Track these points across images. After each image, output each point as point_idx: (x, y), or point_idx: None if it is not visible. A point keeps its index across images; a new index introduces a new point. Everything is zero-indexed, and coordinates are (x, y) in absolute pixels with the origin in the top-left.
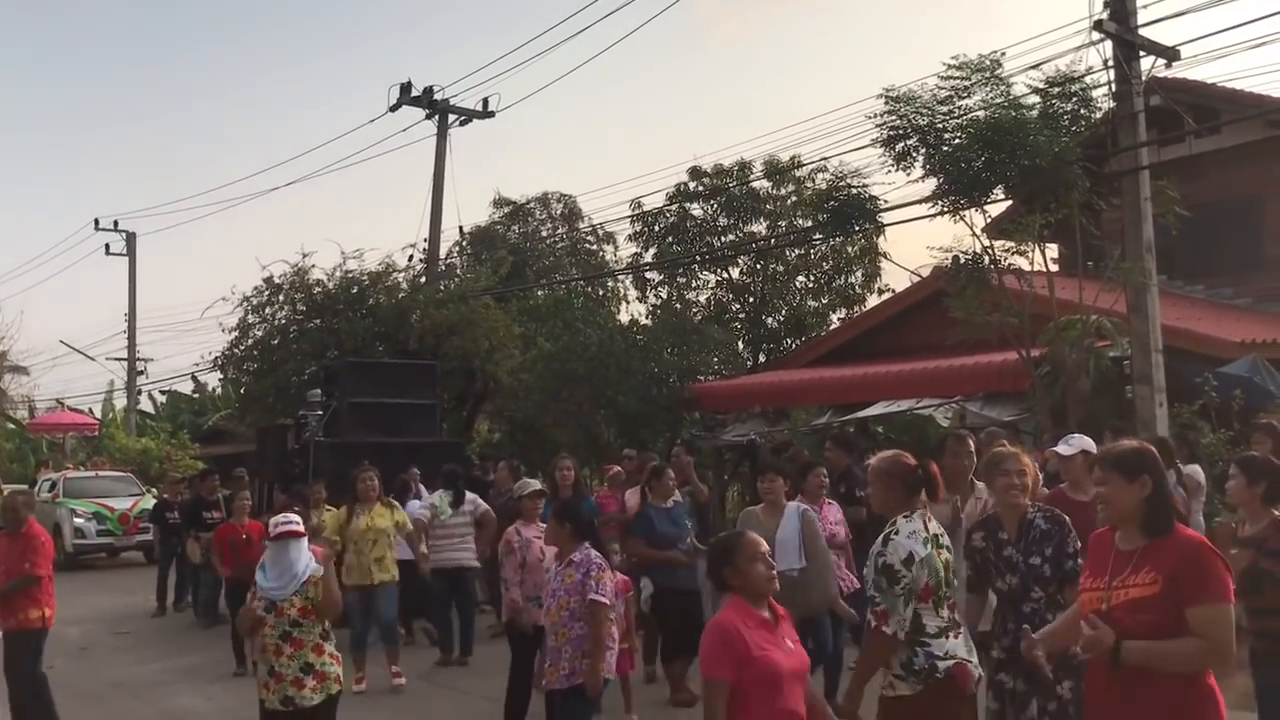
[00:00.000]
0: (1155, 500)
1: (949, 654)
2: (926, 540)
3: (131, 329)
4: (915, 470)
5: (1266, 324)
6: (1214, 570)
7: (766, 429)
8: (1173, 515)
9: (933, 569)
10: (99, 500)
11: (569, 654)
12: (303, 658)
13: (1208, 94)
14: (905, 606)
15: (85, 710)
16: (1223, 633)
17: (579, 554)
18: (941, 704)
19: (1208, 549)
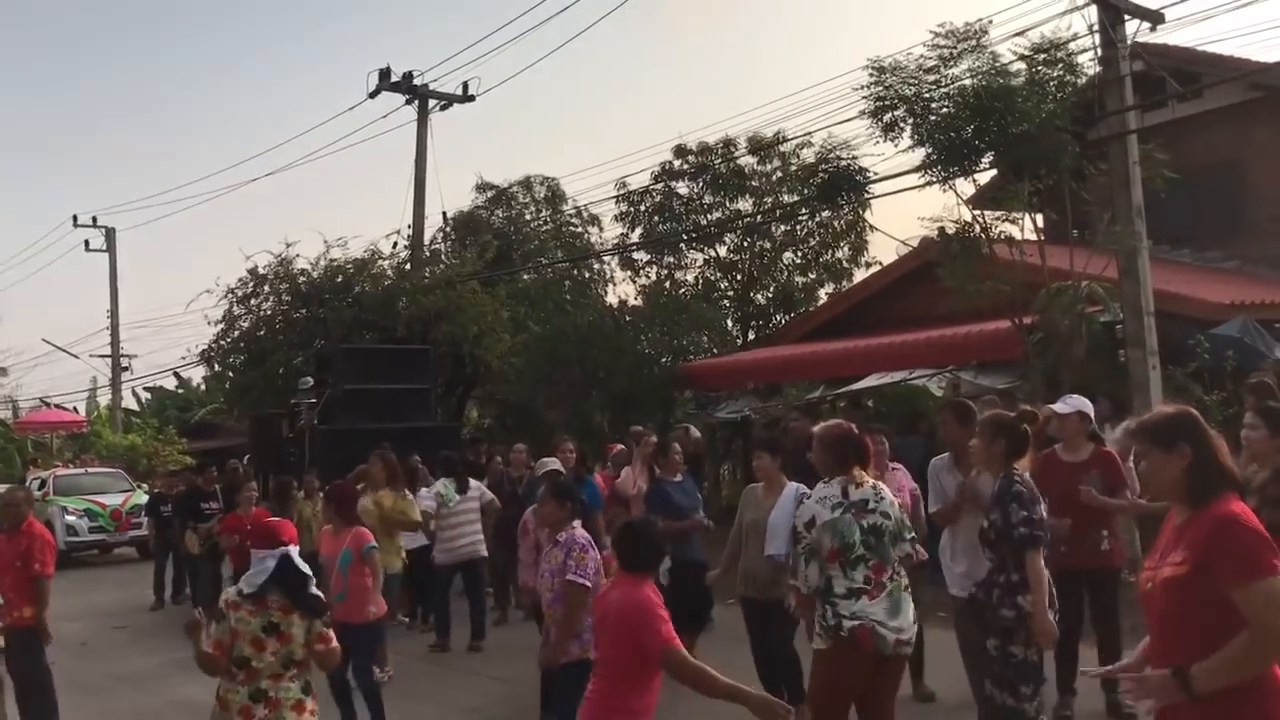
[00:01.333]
0: (1196, 469)
1: (855, 615)
2: (838, 505)
3: (114, 325)
4: (844, 439)
5: (1254, 286)
6: (1244, 543)
7: (759, 405)
8: (1213, 485)
9: (838, 533)
10: (90, 497)
11: (553, 634)
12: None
13: (1190, 58)
14: (808, 564)
15: (91, 703)
16: (1265, 610)
17: (564, 534)
18: (844, 661)
19: (1238, 521)
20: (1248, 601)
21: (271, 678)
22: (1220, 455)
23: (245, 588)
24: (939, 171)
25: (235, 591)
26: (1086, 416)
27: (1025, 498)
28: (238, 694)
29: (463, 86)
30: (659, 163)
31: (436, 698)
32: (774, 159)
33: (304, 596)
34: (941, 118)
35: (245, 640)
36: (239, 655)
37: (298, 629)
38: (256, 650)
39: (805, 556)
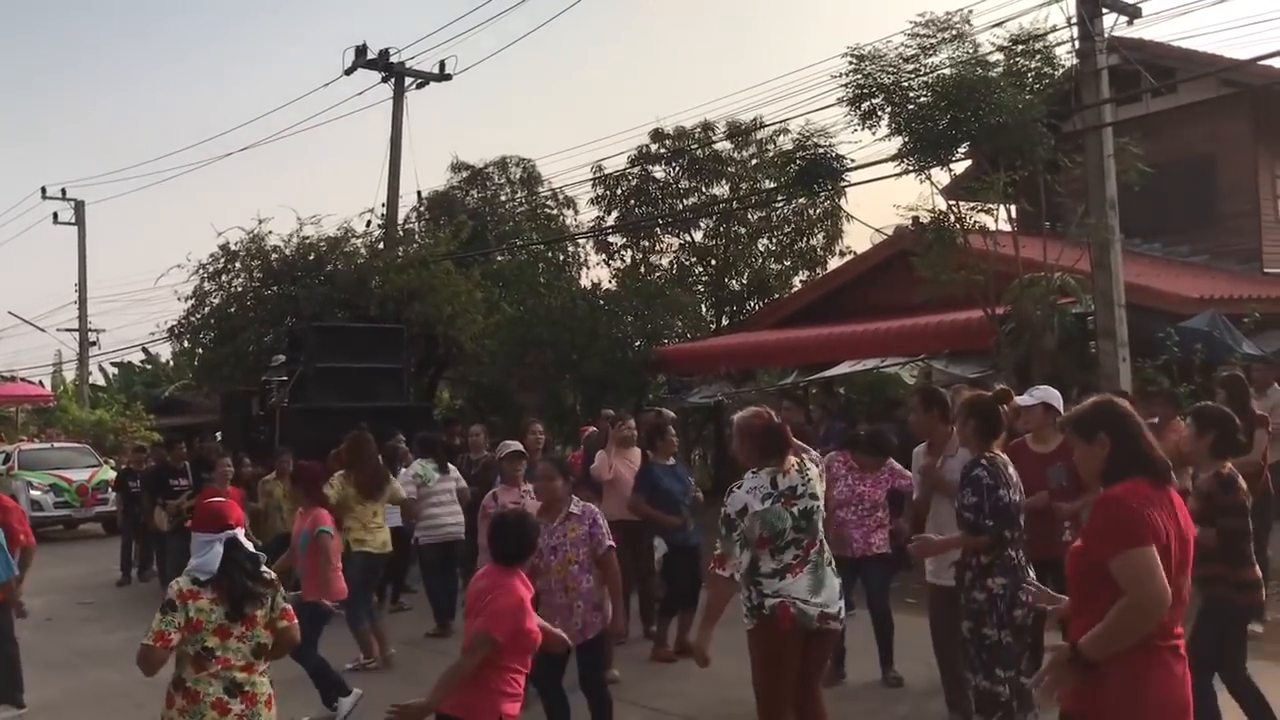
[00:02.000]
0: (1113, 457)
1: (777, 593)
2: (768, 495)
3: (82, 299)
4: (766, 430)
5: (1223, 280)
6: (1116, 517)
7: (732, 390)
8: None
9: (767, 522)
10: (56, 472)
11: (582, 609)
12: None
13: (1164, 53)
14: (741, 551)
15: (57, 679)
16: (1133, 577)
17: (577, 506)
18: (769, 638)
19: (1117, 499)
20: (1120, 571)
21: (244, 669)
22: (1138, 442)
23: (200, 575)
24: (915, 161)
25: (189, 580)
26: (1053, 408)
27: (982, 483)
28: (210, 686)
29: (440, 65)
30: (636, 146)
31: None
32: (751, 145)
33: (260, 575)
34: (919, 107)
35: (209, 631)
36: (203, 646)
37: (262, 610)
38: (221, 640)
39: (740, 542)
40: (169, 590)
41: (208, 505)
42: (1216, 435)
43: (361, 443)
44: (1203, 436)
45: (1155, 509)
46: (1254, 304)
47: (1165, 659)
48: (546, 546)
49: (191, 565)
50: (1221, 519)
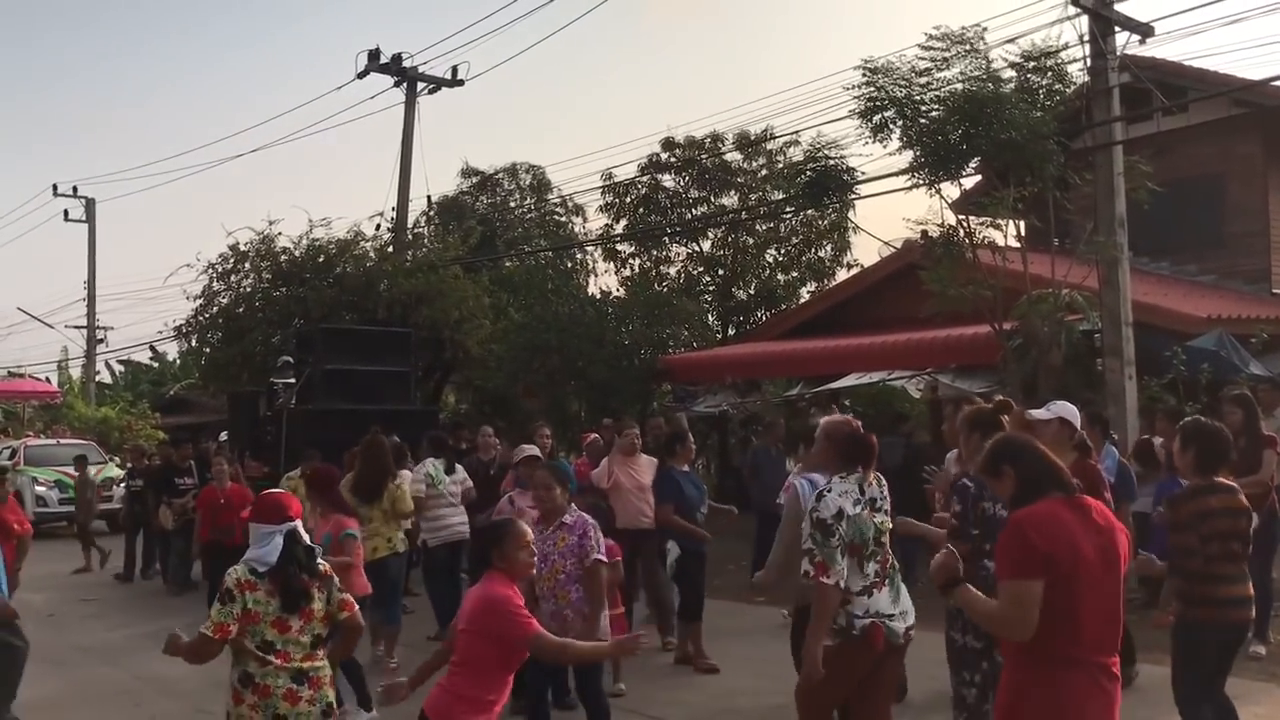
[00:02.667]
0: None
1: (868, 612)
2: (859, 501)
3: (91, 297)
4: (853, 438)
5: (1230, 300)
6: (1011, 546)
7: (738, 400)
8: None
9: (858, 528)
10: (61, 469)
11: (572, 618)
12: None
13: (1176, 72)
14: (843, 557)
15: (54, 675)
16: (1008, 603)
17: (571, 516)
18: (854, 659)
19: (1015, 525)
20: (1002, 593)
21: (306, 658)
22: (1040, 465)
23: (259, 566)
24: (925, 175)
25: (246, 570)
26: (1069, 424)
27: (968, 493)
28: (278, 679)
29: (452, 71)
30: (646, 155)
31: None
32: (761, 156)
33: (316, 568)
34: (931, 121)
35: (267, 623)
36: (263, 639)
37: (319, 603)
38: (280, 632)
39: (841, 548)
40: (227, 579)
41: (269, 496)
42: (1197, 450)
43: (374, 446)
44: (1185, 451)
45: (1063, 528)
46: (1262, 324)
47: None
48: (539, 554)
49: (250, 555)
50: (1174, 534)
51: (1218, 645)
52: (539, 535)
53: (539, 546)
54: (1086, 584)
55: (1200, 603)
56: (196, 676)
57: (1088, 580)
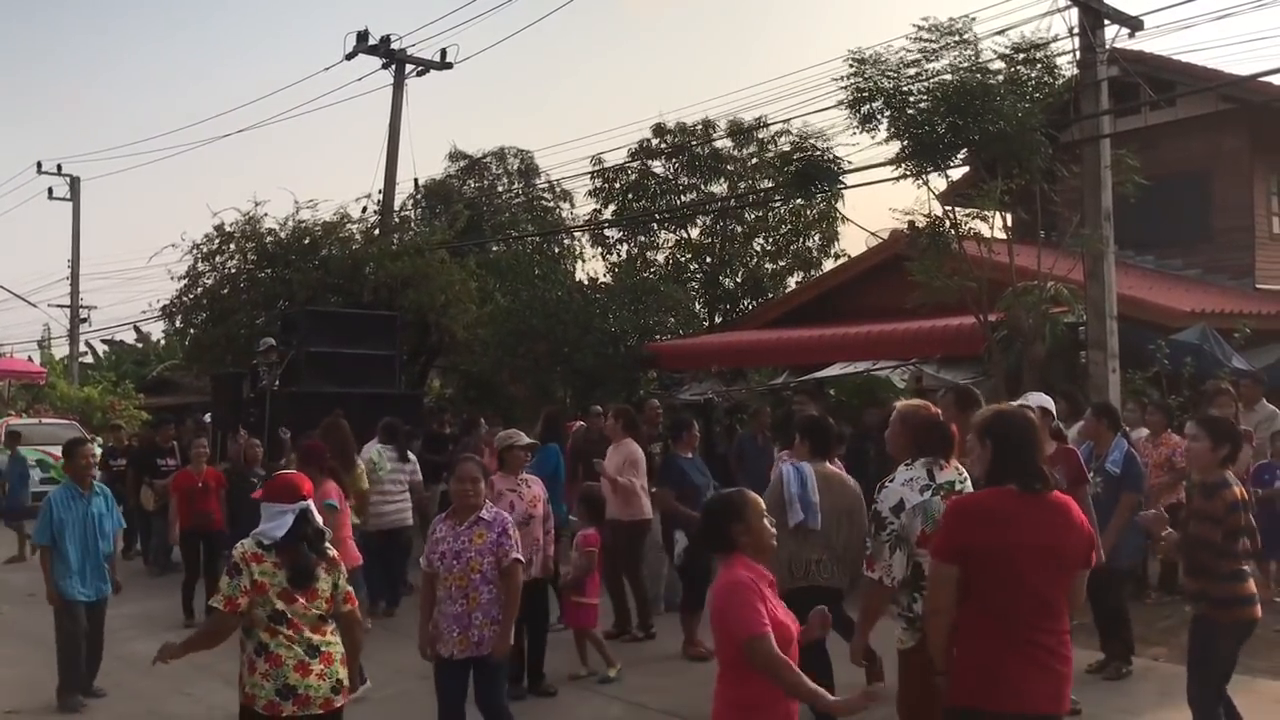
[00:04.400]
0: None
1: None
2: (927, 488)
3: (75, 276)
4: (930, 424)
5: (1215, 294)
6: (943, 529)
7: (723, 388)
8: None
9: (929, 515)
10: (43, 448)
11: (480, 620)
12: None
13: (1164, 66)
14: (892, 553)
15: (34, 655)
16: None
17: (489, 512)
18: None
19: (950, 511)
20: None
21: (314, 630)
22: (1019, 452)
23: (265, 539)
24: (913, 165)
25: (254, 544)
26: (1049, 413)
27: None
28: (290, 650)
29: (441, 53)
30: (637, 140)
31: (384, 661)
32: (751, 144)
33: (324, 550)
34: (919, 112)
35: (274, 593)
36: (271, 610)
37: (324, 583)
38: (288, 603)
39: (890, 543)
40: (233, 554)
41: (282, 476)
42: (1231, 448)
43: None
44: (1218, 449)
45: (994, 521)
46: (1245, 319)
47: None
48: (450, 551)
49: (258, 530)
50: (1196, 524)
51: (1236, 644)
52: (452, 531)
53: (451, 543)
54: (1013, 572)
55: (1226, 603)
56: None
57: (1017, 569)
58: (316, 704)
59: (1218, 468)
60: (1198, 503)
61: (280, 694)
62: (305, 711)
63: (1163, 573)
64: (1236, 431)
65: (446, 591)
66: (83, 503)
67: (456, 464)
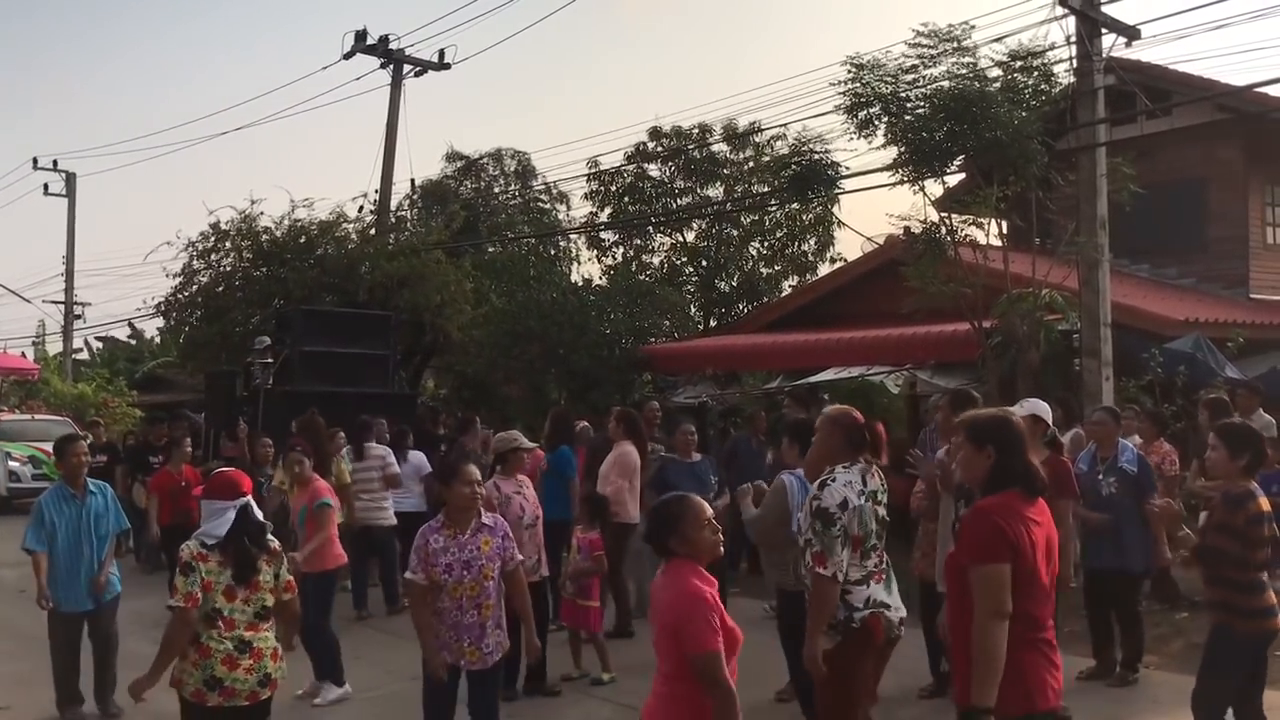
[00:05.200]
0: (996, 469)
1: (868, 602)
2: (862, 492)
3: (69, 272)
4: (859, 426)
5: (1209, 304)
6: (981, 531)
7: (717, 392)
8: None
9: (864, 519)
10: (35, 444)
11: (491, 628)
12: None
13: (1160, 75)
14: (842, 549)
15: (25, 651)
16: (984, 589)
17: (490, 518)
18: (858, 656)
19: (983, 513)
20: (975, 580)
21: (250, 628)
22: (1020, 457)
23: (208, 539)
24: (909, 171)
25: (198, 544)
26: (1041, 421)
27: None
28: (221, 644)
29: (439, 54)
30: (633, 143)
31: (378, 661)
32: (748, 148)
33: (265, 544)
34: (916, 118)
35: (218, 592)
36: (212, 607)
37: (266, 576)
38: (228, 600)
39: (841, 539)
40: (181, 554)
41: (222, 474)
42: (1252, 455)
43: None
44: (1237, 458)
45: (1019, 521)
46: (1239, 329)
47: (1039, 648)
48: (458, 561)
49: (200, 530)
50: (1214, 534)
51: (1252, 656)
52: (455, 540)
53: (459, 553)
54: (1035, 572)
55: (1246, 614)
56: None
57: (1037, 568)
58: (242, 697)
59: (1240, 477)
60: (1220, 514)
61: (207, 684)
62: (230, 703)
63: (1155, 580)
64: (1257, 437)
65: (456, 602)
66: (75, 505)
67: (454, 466)
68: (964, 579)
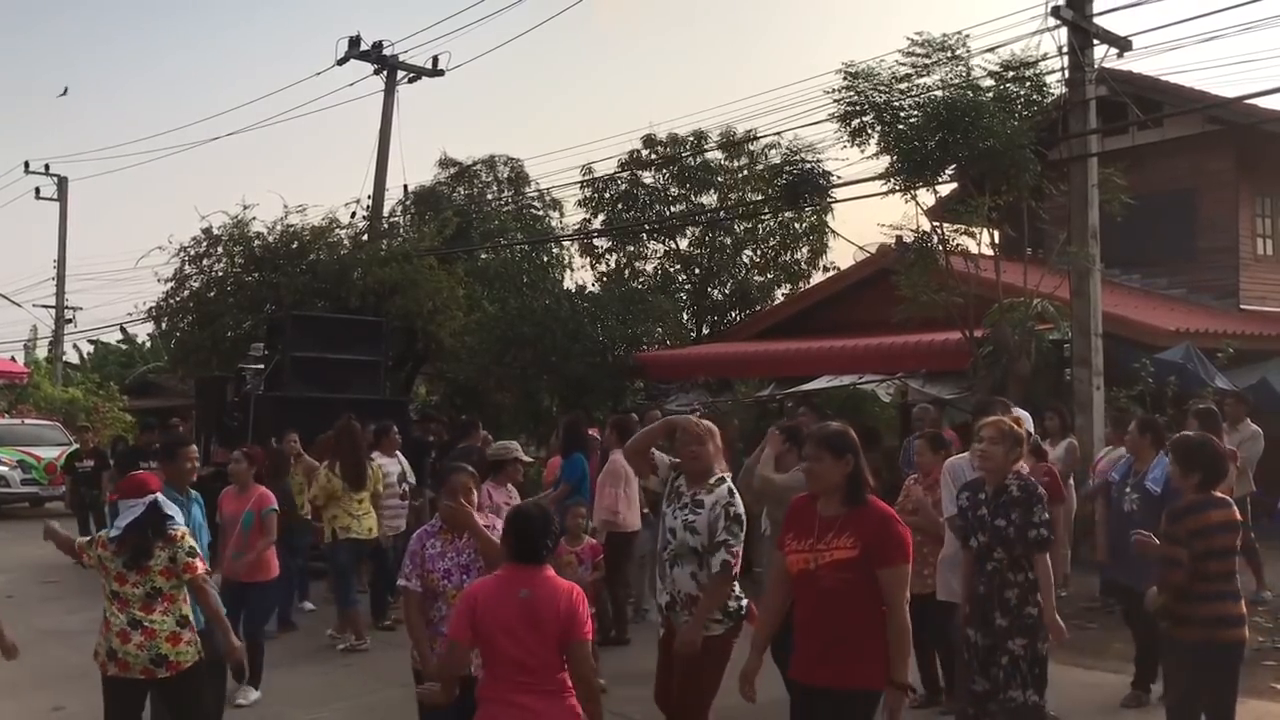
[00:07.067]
0: (854, 475)
1: (741, 593)
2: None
3: (60, 276)
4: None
5: (1200, 314)
6: (899, 538)
7: (710, 399)
8: (865, 488)
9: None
10: (25, 449)
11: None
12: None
13: (1152, 87)
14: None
15: (18, 659)
16: (898, 587)
17: (483, 518)
18: (735, 639)
19: (894, 519)
20: (890, 579)
21: (142, 608)
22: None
23: (113, 531)
24: (902, 180)
25: (105, 534)
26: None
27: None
28: (116, 619)
29: (432, 60)
30: (627, 151)
31: (367, 668)
32: (742, 156)
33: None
34: (909, 127)
35: (110, 575)
36: (109, 590)
37: (158, 560)
38: (120, 584)
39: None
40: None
41: (132, 476)
42: (1204, 473)
43: (348, 432)
44: (1188, 476)
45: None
46: (1229, 339)
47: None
48: (456, 566)
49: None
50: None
51: (1218, 665)
52: (452, 545)
53: (455, 558)
54: None
55: (1201, 624)
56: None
57: None
58: (136, 670)
59: (1194, 494)
60: (1165, 525)
61: (108, 655)
62: (126, 674)
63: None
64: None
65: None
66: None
67: (444, 475)
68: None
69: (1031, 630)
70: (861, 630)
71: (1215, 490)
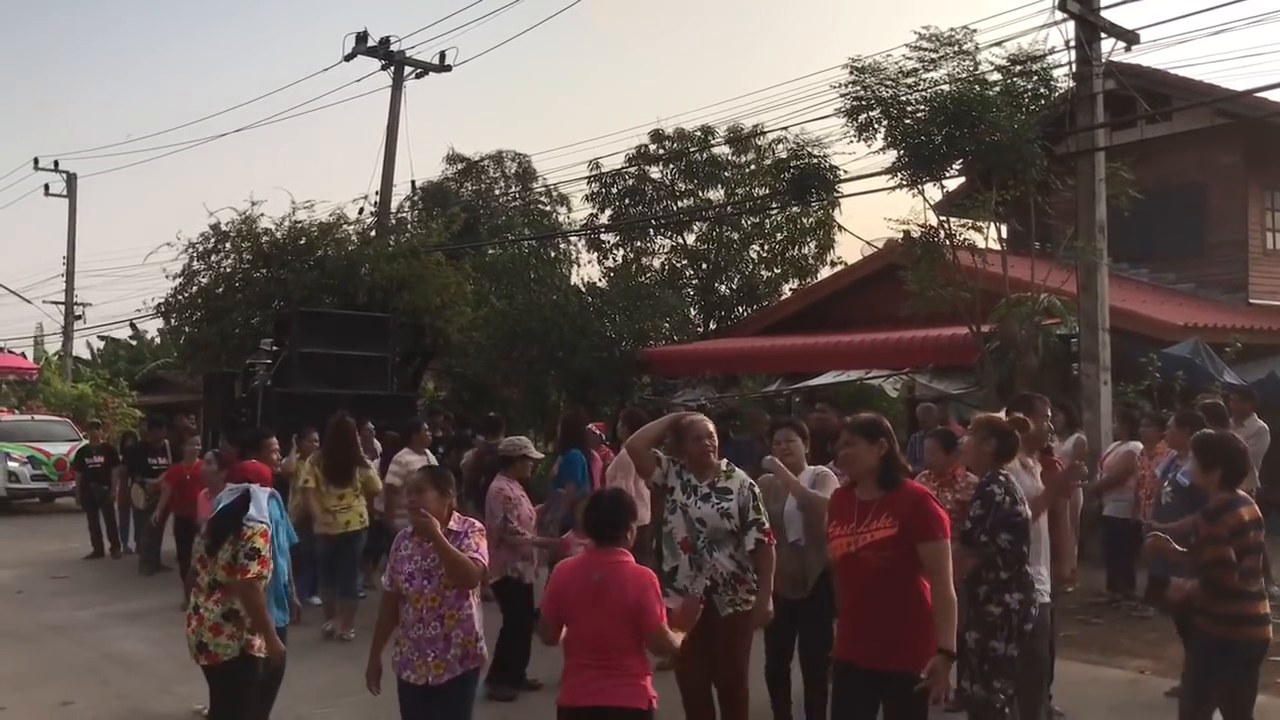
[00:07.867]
0: (888, 459)
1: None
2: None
3: (70, 272)
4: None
5: (1207, 309)
6: (935, 514)
7: (717, 394)
8: (900, 470)
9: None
10: (35, 445)
11: (461, 638)
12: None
13: (1160, 80)
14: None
15: (21, 652)
16: (941, 560)
17: (458, 523)
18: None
19: (929, 497)
20: (931, 553)
21: (205, 595)
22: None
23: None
24: (908, 175)
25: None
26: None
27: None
28: (193, 601)
29: (440, 56)
30: (635, 146)
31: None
32: (750, 151)
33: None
34: (915, 121)
35: (195, 559)
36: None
37: (224, 555)
38: (201, 567)
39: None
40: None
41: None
42: (1225, 469)
43: (338, 429)
44: (1209, 473)
45: None
46: (1237, 334)
47: None
48: (420, 570)
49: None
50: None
51: (1242, 663)
52: (420, 547)
53: (421, 560)
54: None
55: (1231, 621)
56: (164, 656)
57: None
58: (191, 651)
59: (1218, 490)
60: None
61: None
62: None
63: (1149, 586)
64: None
65: (418, 615)
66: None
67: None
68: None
69: (990, 627)
70: (906, 610)
71: (1239, 488)
